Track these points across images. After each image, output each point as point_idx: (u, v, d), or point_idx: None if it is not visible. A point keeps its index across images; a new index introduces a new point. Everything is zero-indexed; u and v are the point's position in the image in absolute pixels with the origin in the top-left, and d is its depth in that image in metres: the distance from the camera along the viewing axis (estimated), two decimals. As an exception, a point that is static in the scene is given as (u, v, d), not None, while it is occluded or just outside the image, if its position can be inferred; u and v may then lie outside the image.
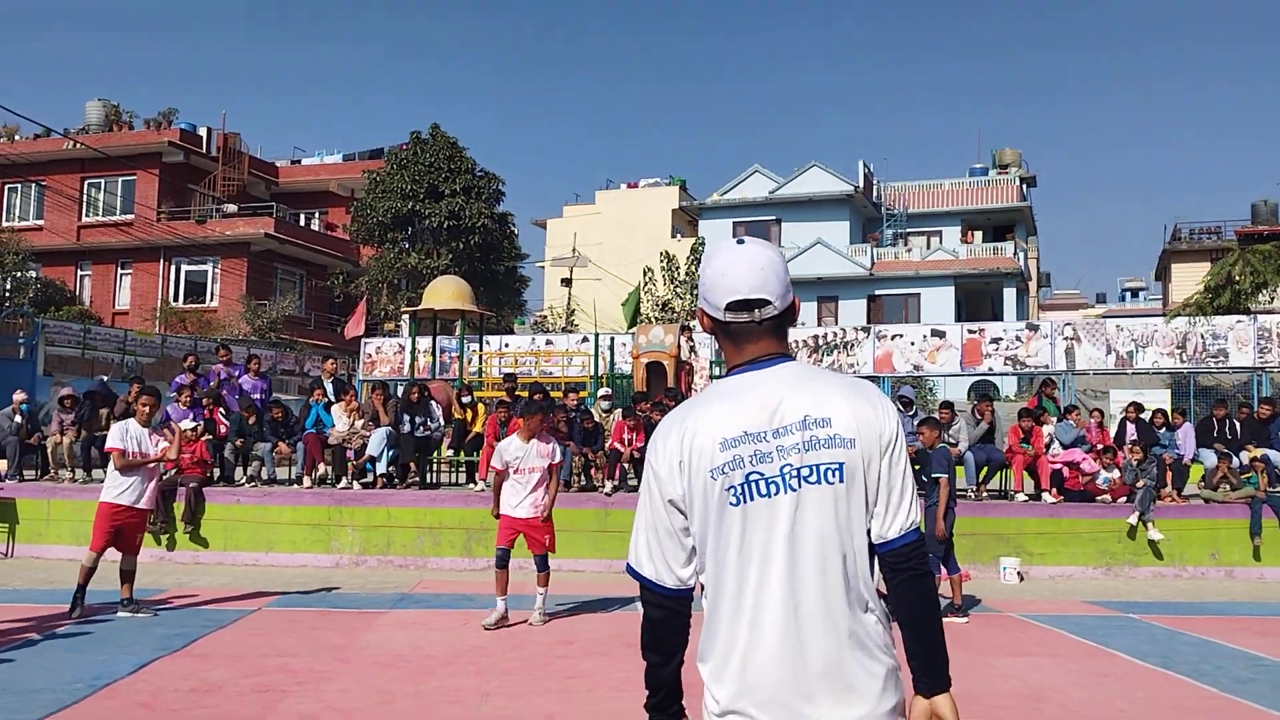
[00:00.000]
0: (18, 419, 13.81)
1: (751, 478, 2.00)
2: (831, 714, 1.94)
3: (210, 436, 13.30)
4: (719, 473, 2.01)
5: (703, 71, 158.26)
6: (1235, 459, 13.22)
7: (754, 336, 2.12)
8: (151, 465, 8.91)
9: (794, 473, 2.00)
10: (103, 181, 39.24)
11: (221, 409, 13.84)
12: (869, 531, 2.05)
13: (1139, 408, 14.16)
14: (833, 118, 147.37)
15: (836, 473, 2.00)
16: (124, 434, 8.76)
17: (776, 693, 1.95)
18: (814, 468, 2.00)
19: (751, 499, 2.00)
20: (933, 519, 9.04)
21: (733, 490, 2.00)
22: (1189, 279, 37.90)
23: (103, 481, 9.01)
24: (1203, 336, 23.06)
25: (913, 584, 2.04)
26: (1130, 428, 13.76)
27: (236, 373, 15.01)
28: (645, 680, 2.16)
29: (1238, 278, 29.52)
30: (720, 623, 2.02)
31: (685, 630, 2.12)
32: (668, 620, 2.11)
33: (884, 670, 1.99)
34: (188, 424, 12.88)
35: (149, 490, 8.89)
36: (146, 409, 9.01)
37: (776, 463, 2.00)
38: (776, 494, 1.99)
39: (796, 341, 23.88)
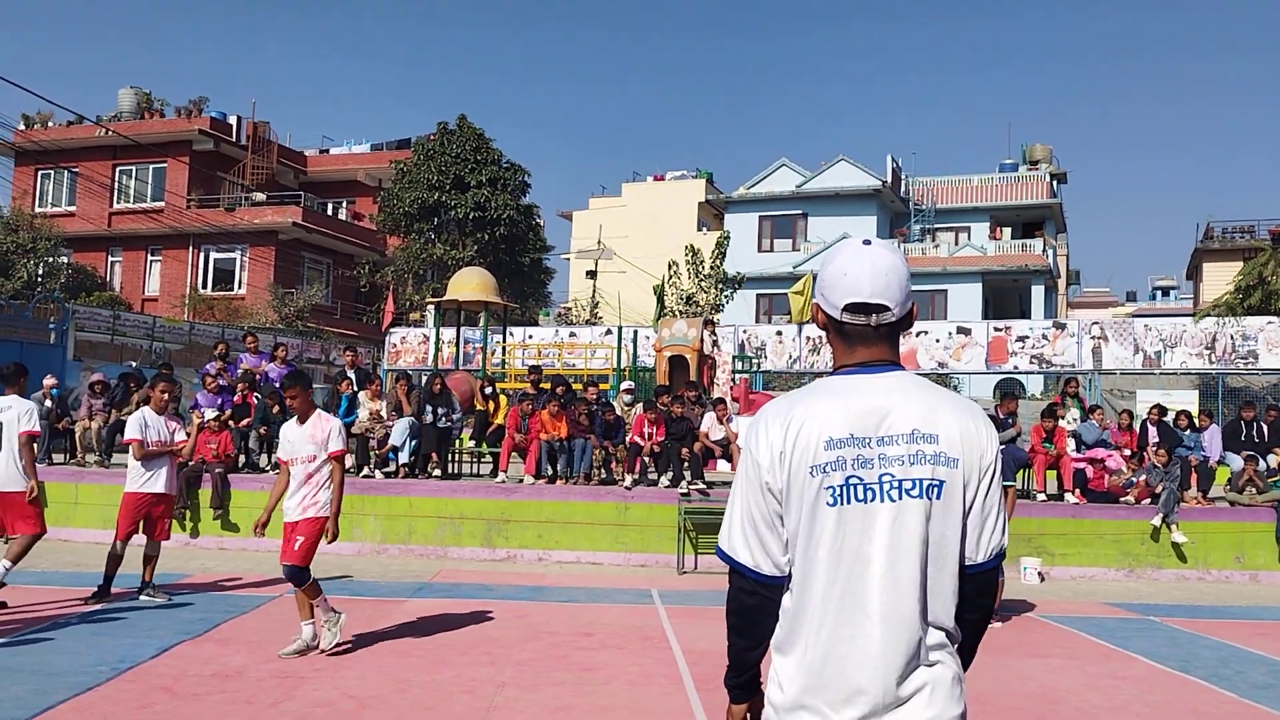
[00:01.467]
0: (47, 403, 13.99)
1: (851, 481, 2.02)
2: (906, 716, 1.99)
3: (242, 422, 13.46)
4: (820, 470, 2.02)
5: (731, 65, 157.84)
6: (1262, 462, 13.08)
7: (868, 340, 2.13)
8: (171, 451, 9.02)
9: (894, 483, 2.02)
10: (134, 169, 39.67)
11: (256, 394, 13.99)
12: (961, 551, 2.09)
13: (1162, 410, 14.04)
14: (861, 112, 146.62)
15: (937, 489, 2.04)
16: (142, 424, 8.84)
17: (854, 693, 1.98)
18: (916, 482, 2.03)
19: (849, 502, 2.02)
20: None
21: (831, 490, 2.02)
22: (1221, 278, 37.46)
23: (125, 466, 9.14)
24: (1232, 337, 22.86)
25: (979, 623, 2.18)
26: (1152, 430, 13.64)
27: (263, 360, 15.13)
28: (731, 660, 2.19)
29: (1269, 278, 29.19)
30: (806, 619, 2.04)
31: (775, 616, 2.11)
32: (760, 607, 2.11)
33: (951, 676, 2.05)
34: (210, 413, 13.04)
35: (171, 475, 9.02)
36: (165, 396, 9.10)
37: (876, 470, 2.02)
38: (873, 501, 2.02)
39: (819, 338, 23.81)
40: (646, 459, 13.10)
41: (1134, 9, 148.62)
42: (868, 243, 2.15)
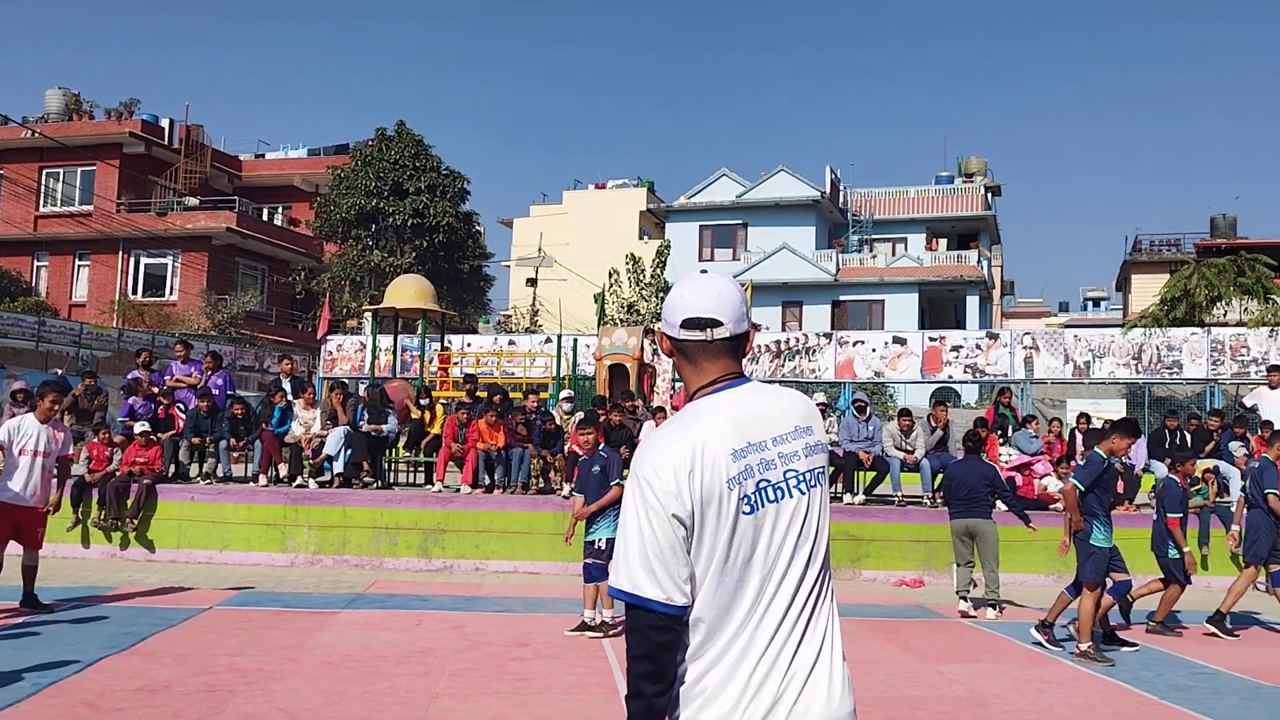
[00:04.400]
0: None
1: (761, 485, 2.09)
2: (825, 712, 2.06)
3: (170, 433, 13.22)
4: (735, 482, 2.06)
5: (673, 75, 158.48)
6: (1184, 469, 13.42)
7: (711, 355, 2.20)
8: (42, 463, 8.72)
9: (798, 477, 2.13)
10: (61, 171, 38.67)
11: (178, 405, 13.75)
12: None
13: (1088, 419, 14.38)
14: (801, 123, 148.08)
15: (823, 475, 2.19)
16: (12, 430, 8.67)
17: (780, 693, 2.03)
18: (811, 472, 2.17)
19: (763, 505, 2.08)
20: (1165, 537, 9.50)
21: (746, 499, 2.06)
22: (1149, 290, 38.36)
23: None
24: (1158, 348, 23.43)
25: None
26: (1080, 439, 13.95)
27: (193, 370, 14.78)
28: (639, 713, 2.01)
29: (1194, 290, 29.97)
30: (729, 626, 2.05)
31: (683, 649, 2.05)
32: (673, 643, 2.03)
33: (844, 661, 2.16)
34: (140, 428, 12.78)
35: (37, 486, 8.71)
36: (49, 405, 8.85)
37: (780, 468, 2.12)
38: (784, 498, 2.11)
39: (759, 346, 24.03)
40: (585, 468, 13.06)
41: (1067, 29, 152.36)
42: (704, 271, 2.29)
